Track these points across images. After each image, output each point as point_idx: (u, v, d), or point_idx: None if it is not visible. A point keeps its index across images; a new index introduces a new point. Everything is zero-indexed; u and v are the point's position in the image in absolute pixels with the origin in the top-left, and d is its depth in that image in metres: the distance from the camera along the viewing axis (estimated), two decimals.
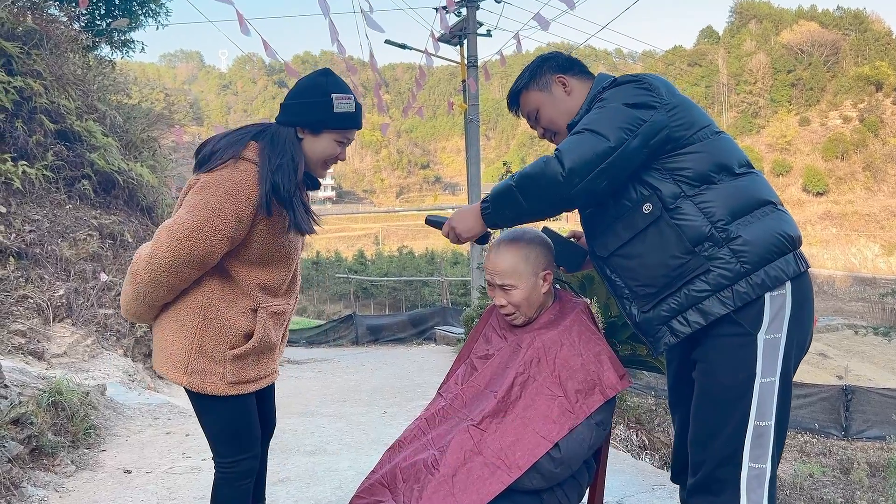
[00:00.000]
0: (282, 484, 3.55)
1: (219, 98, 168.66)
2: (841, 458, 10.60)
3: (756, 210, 1.70)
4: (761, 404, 1.65)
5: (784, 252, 1.67)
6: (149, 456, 4.11)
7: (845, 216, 77.56)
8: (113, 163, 7.82)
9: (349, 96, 1.90)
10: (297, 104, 1.90)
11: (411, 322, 18.31)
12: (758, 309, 1.65)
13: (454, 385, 2.08)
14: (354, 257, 54.13)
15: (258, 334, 1.93)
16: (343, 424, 5.12)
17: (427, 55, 8.86)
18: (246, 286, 1.91)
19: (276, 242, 1.93)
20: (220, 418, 1.95)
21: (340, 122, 1.91)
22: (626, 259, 1.78)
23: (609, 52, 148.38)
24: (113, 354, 6.36)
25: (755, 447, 1.66)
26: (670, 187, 1.71)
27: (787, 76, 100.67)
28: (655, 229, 1.71)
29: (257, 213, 1.84)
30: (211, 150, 1.87)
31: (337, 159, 1.99)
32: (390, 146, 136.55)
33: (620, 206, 1.77)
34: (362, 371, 9.24)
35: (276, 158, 1.84)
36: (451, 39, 12.71)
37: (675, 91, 1.79)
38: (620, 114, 1.67)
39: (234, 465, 1.97)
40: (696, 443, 1.77)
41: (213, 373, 1.89)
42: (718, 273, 1.65)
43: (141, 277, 1.84)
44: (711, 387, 1.71)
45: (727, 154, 1.75)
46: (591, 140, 1.64)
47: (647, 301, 1.77)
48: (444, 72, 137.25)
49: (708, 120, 1.81)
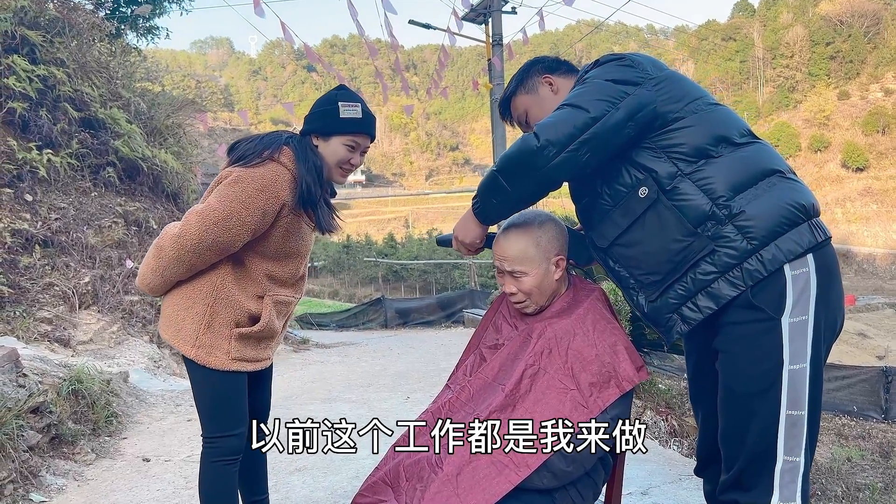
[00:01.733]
0: (298, 473, 3.51)
1: (249, 84, 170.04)
2: (881, 442, 10.27)
3: (761, 182, 1.58)
4: (792, 393, 1.53)
5: (796, 222, 1.53)
6: (169, 444, 4.10)
7: (886, 192, 75.17)
8: (137, 150, 7.84)
9: (356, 104, 2.06)
10: (311, 114, 2.11)
11: (440, 305, 18.29)
12: (780, 291, 1.52)
13: (462, 376, 1.98)
14: (385, 241, 54.32)
15: (265, 319, 2.07)
16: (365, 411, 5.07)
17: (450, 34, 8.69)
18: (256, 274, 2.07)
19: (291, 240, 2.09)
20: (214, 392, 2.05)
21: (346, 127, 2.06)
22: (626, 248, 1.69)
23: (640, 28, 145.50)
24: (139, 341, 6.40)
25: (789, 438, 1.55)
26: (666, 167, 1.60)
27: (826, 49, 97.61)
28: (654, 213, 1.62)
29: (281, 211, 2.01)
30: (249, 148, 2.02)
31: (351, 164, 2.12)
32: (419, 129, 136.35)
33: (616, 192, 1.68)
34: (389, 355, 9.21)
35: (304, 165, 2.02)
36: (476, 18, 12.47)
37: (662, 65, 1.70)
38: (601, 87, 1.60)
39: (216, 441, 2.06)
40: (726, 439, 1.66)
41: (219, 348, 2.02)
42: (724, 253, 1.54)
43: (166, 253, 1.98)
44: (736, 379, 1.59)
45: (725, 124, 1.64)
46: (569, 112, 1.57)
47: (653, 289, 1.67)
48: (473, 52, 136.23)
49: (701, 92, 1.70)
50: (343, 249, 51.25)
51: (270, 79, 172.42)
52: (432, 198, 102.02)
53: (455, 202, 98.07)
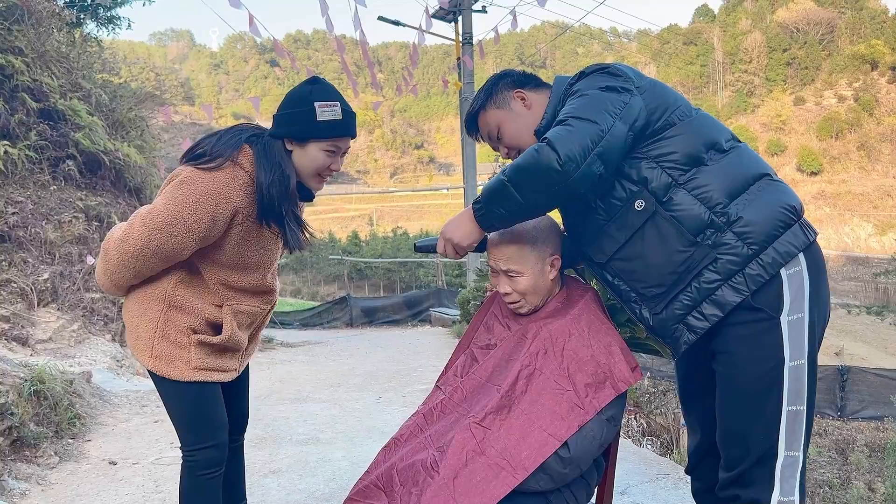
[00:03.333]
0: (273, 476, 3.43)
1: (210, 77, 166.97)
2: (837, 439, 10.57)
3: (752, 186, 1.60)
4: (792, 388, 1.56)
5: (790, 224, 1.56)
6: (136, 446, 3.98)
7: (839, 196, 77.50)
8: (99, 142, 7.60)
9: (334, 103, 1.83)
10: (283, 115, 1.87)
11: (406, 304, 18.22)
12: (776, 290, 1.55)
13: (453, 377, 1.94)
14: (348, 238, 53.88)
15: (227, 331, 1.92)
16: (337, 411, 5.00)
17: (421, 32, 8.64)
18: (211, 283, 1.91)
19: (250, 249, 1.92)
20: (182, 404, 1.92)
21: (325, 132, 1.84)
22: (626, 262, 1.68)
23: (604, 31, 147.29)
24: (100, 339, 6.21)
25: (790, 433, 1.57)
26: (659, 177, 1.60)
27: (783, 55, 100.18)
28: (653, 226, 1.61)
29: (235, 218, 1.83)
30: (207, 148, 1.83)
31: (330, 170, 1.92)
32: (384, 126, 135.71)
33: (610, 206, 1.66)
34: (357, 354, 9.13)
35: (269, 173, 1.81)
36: (446, 16, 12.44)
37: (642, 74, 1.71)
38: (601, 98, 1.59)
39: (195, 454, 1.95)
40: (729, 438, 1.66)
41: (178, 357, 1.88)
42: (726, 260, 1.55)
43: (110, 257, 1.85)
44: (739, 379, 1.60)
45: (712, 130, 1.65)
46: (581, 126, 1.54)
47: (657, 302, 1.66)
48: (438, 50, 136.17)
49: (682, 99, 1.71)
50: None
51: (232, 73, 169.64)
52: (397, 196, 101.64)
53: (420, 200, 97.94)
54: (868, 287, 34.83)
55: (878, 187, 78.51)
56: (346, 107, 1.85)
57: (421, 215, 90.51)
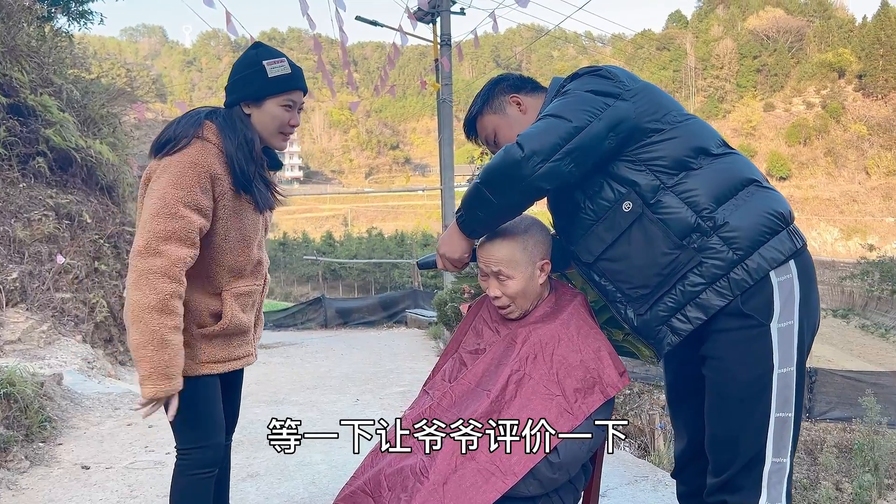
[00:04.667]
0: (251, 480, 3.39)
1: (182, 75, 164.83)
2: (805, 440, 10.76)
3: (740, 192, 1.61)
4: (780, 395, 1.57)
5: (776, 230, 1.57)
6: (109, 450, 3.90)
7: (806, 201, 79.02)
8: (70, 139, 7.45)
9: (281, 59, 1.90)
10: (235, 81, 1.92)
11: (382, 305, 18.15)
12: (767, 297, 1.56)
13: (441, 381, 1.93)
14: (322, 238, 53.59)
15: (226, 317, 1.92)
16: (315, 414, 4.96)
17: (401, 33, 8.61)
18: (209, 268, 1.91)
19: (234, 224, 1.92)
20: (185, 401, 1.87)
21: (279, 86, 1.90)
22: (612, 262, 1.69)
23: (579, 35, 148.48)
24: (71, 340, 6.08)
25: (777, 440, 1.58)
26: (648, 180, 1.62)
27: (753, 62, 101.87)
28: (639, 227, 1.63)
29: (216, 187, 1.84)
30: (170, 135, 1.85)
31: (290, 125, 1.97)
32: (359, 126, 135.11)
33: (598, 206, 1.68)
34: (332, 356, 9.06)
35: (233, 140, 1.85)
36: (424, 17, 12.43)
37: (636, 78, 1.73)
38: (582, 98, 1.61)
39: (191, 452, 1.92)
40: (717, 444, 1.67)
41: (185, 354, 1.84)
42: (711, 264, 1.57)
43: (132, 278, 1.73)
44: (728, 385, 1.61)
45: (703, 136, 1.67)
46: (552, 122, 1.58)
47: (642, 303, 1.68)
48: (414, 51, 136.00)
49: (675, 104, 1.73)
50: (279, 247, 50.23)
51: (206, 70, 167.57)
52: (372, 196, 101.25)
53: (395, 201, 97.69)
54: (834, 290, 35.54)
55: (844, 193, 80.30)
56: (292, 63, 1.92)
57: (396, 216, 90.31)
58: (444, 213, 12.94)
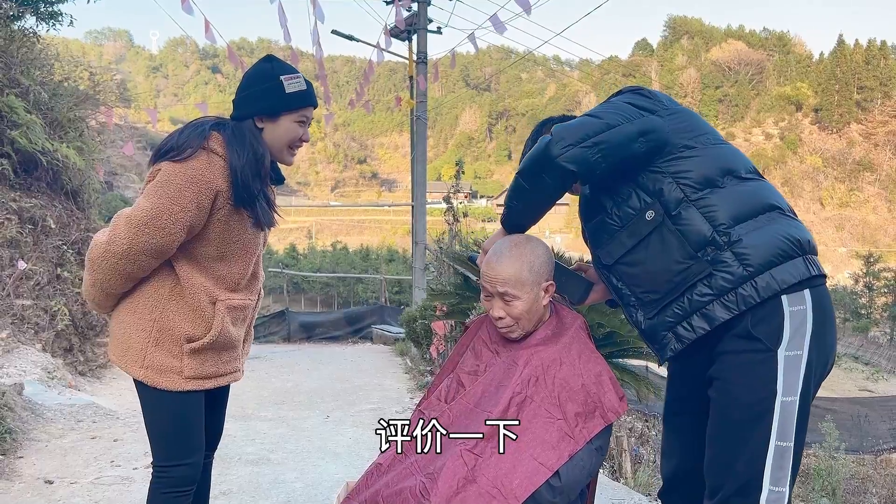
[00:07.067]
0: (224, 497, 3.30)
1: (148, 80, 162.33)
2: None
3: (761, 215, 1.65)
4: (782, 424, 1.58)
5: (791, 255, 1.60)
6: (72, 464, 3.76)
7: None
8: (36, 142, 7.24)
9: (297, 75, 1.90)
10: (249, 95, 1.89)
11: (347, 320, 17.97)
12: (777, 324, 1.58)
13: (437, 402, 1.91)
14: (286, 251, 52.89)
15: (215, 328, 1.88)
16: (285, 430, 4.87)
17: (379, 50, 8.63)
18: (203, 280, 1.87)
19: (233, 236, 1.89)
20: (167, 416, 1.88)
21: (296, 102, 1.90)
22: (629, 266, 1.75)
23: (547, 58, 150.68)
24: (31, 349, 5.88)
25: (776, 469, 1.58)
26: (673, 192, 1.67)
27: (715, 92, 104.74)
28: (658, 236, 1.68)
29: (217, 201, 1.81)
30: (175, 142, 1.82)
31: (301, 141, 1.97)
32: (326, 139, 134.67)
33: (625, 214, 1.75)
34: (298, 371, 8.92)
35: (241, 155, 1.82)
36: (400, 34, 12.48)
37: (675, 102, 1.81)
38: (619, 106, 1.71)
39: (169, 470, 1.88)
40: (714, 465, 1.67)
41: (170, 368, 1.85)
42: (721, 277, 1.60)
43: (97, 265, 1.80)
44: (730, 406, 1.62)
45: (732, 160, 1.73)
46: (586, 119, 1.68)
47: (651, 308, 1.72)
48: (384, 67, 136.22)
49: (713, 130, 1.79)
50: None
51: (172, 77, 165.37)
52: (337, 210, 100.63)
53: (361, 215, 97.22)
54: None
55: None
56: (305, 78, 1.93)
57: (361, 230, 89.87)
58: (415, 230, 12.92)
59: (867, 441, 9.86)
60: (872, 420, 10.48)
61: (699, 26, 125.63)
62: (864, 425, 10.15)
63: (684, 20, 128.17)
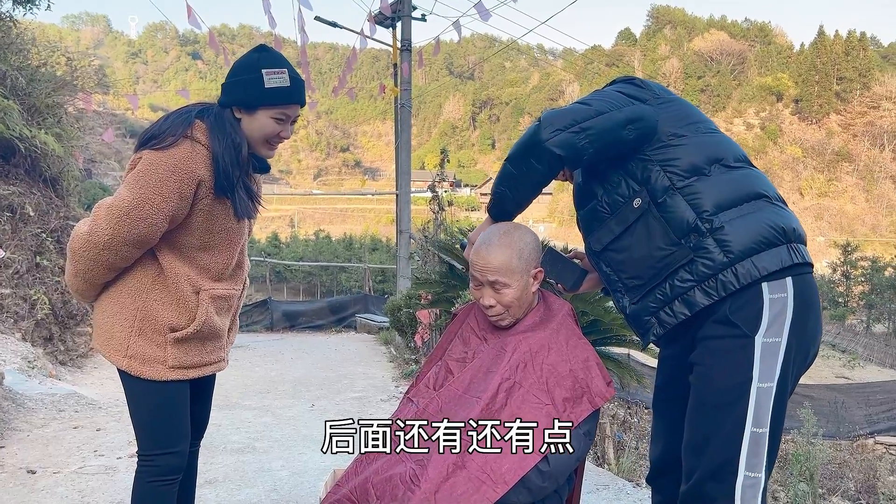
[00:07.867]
0: (209, 486, 3.29)
1: (127, 66, 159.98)
2: None
3: (746, 203, 1.66)
4: (757, 410, 1.59)
5: (774, 243, 1.61)
6: (55, 454, 3.73)
7: None
8: (14, 128, 7.14)
9: (282, 70, 1.82)
10: (231, 83, 1.85)
11: (331, 309, 17.94)
12: (756, 310, 1.59)
13: (426, 389, 1.91)
14: (268, 239, 52.59)
15: (199, 318, 1.87)
16: (270, 419, 4.86)
17: (363, 37, 8.57)
18: (186, 270, 1.86)
19: (217, 226, 1.88)
20: (151, 405, 1.87)
21: (274, 98, 1.83)
22: (616, 253, 1.78)
23: (531, 47, 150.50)
24: (10, 338, 5.81)
25: (751, 455, 1.60)
26: (660, 180, 1.69)
27: (698, 82, 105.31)
28: (643, 223, 1.70)
29: (199, 191, 1.80)
30: (157, 130, 1.80)
31: (280, 137, 1.91)
32: (309, 127, 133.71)
33: (614, 202, 1.77)
34: (282, 360, 8.91)
35: (221, 143, 1.80)
36: (384, 21, 12.38)
37: (669, 91, 1.82)
38: (609, 94, 1.73)
39: (154, 459, 1.88)
40: (689, 448, 1.69)
41: (154, 357, 1.84)
42: (702, 263, 1.62)
43: (79, 256, 1.79)
44: (706, 390, 1.64)
45: (721, 148, 1.74)
46: (574, 106, 1.71)
47: (636, 293, 1.76)
48: (367, 55, 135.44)
49: (706, 119, 1.81)
50: None
51: (151, 63, 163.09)
52: (320, 198, 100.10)
53: (344, 204, 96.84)
54: None
55: None
56: (293, 74, 1.84)
57: (344, 219, 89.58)
58: (399, 218, 12.89)
59: (844, 427, 10.03)
60: (849, 406, 10.66)
61: (682, 16, 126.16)
62: (842, 411, 10.33)
63: (667, 10, 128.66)
